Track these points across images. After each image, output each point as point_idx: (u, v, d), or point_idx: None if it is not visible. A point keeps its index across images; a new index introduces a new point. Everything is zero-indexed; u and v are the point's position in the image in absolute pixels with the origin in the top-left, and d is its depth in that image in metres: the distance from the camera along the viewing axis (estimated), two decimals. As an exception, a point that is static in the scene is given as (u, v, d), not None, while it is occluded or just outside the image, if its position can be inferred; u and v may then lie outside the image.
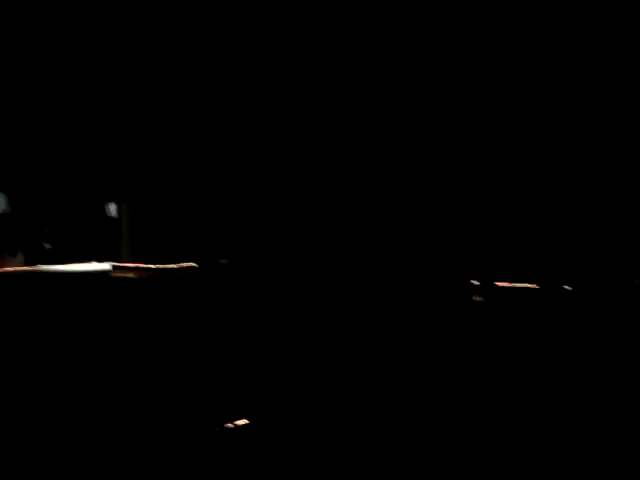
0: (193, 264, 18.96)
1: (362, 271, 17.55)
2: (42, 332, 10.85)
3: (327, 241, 18.17)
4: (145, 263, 18.36)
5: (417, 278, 17.10)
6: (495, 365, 9.68)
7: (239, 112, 18.35)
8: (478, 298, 16.03)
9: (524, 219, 17.41)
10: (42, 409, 7.15)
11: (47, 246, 20.46)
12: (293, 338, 10.76)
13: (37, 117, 18.63)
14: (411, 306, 14.08)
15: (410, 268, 17.32)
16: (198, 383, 7.88)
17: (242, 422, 6.41)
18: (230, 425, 6.26)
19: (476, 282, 17.33)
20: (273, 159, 18.66)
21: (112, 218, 21.43)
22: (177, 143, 18.19)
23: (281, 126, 18.43)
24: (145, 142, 18.22)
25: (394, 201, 18.12)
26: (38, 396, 7.58)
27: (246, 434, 6.51)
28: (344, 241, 18.00)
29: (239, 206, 19.67)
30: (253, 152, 18.70)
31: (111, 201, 21.13)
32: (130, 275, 18.54)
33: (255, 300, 13.73)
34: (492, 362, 9.86)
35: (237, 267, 18.89)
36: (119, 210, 20.47)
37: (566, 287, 16.16)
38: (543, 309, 14.49)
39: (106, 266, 19.77)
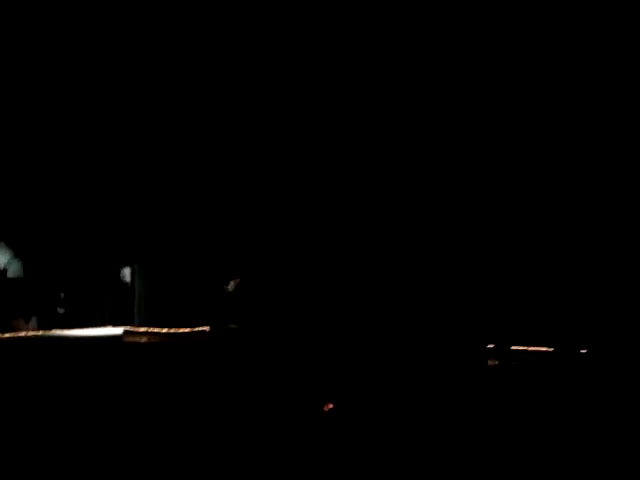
0: (204, 328, 18.93)
1: (376, 334, 17.42)
2: (53, 395, 10.84)
3: (332, 308, 18.13)
4: (158, 326, 18.35)
5: (433, 341, 16.95)
6: (507, 427, 9.53)
7: (246, 178, 18.47)
8: (493, 362, 15.84)
9: (539, 283, 17.28)
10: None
11: (61, 310, 20.52)
12: (303, 401, 10.66)
13: (51, 185, 18.84)
14: (427, 368, 13.95)
15: (426, 331, 17.19)
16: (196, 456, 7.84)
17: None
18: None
19: (491, 345, 17.17)
20: (281, 230, 18.73)
21: (125, 283, 21.51)
22: (188, 210, 18.30)
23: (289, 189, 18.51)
24: (157, 209, 18.34)
25: (410, 265, 18.07)
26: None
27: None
28: (353, 306, 17.93)
29: (248, 272, 19.69)
30: (261, 223, 18.77)
31: (125, 266, 21.23)
32: (143, 340, 18.55)
33: (263, 362, 13.68)
34: (504, 424, 9.71)
35: (247, 332, 18.83)
36: (132, 275, 20.56)
37: (581, 350, 15.96)
38: (558, 372, 14.30)
39: (119, 331, 19.79)
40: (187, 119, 18.21)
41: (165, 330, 18.32)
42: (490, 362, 15.86)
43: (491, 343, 17.12)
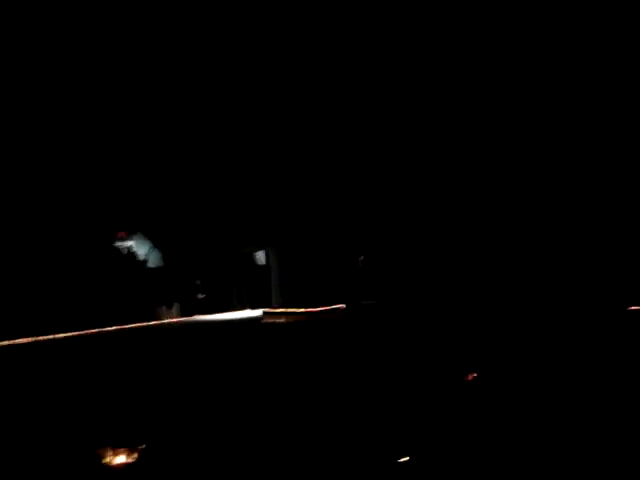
0: (340, 306, 19.15)
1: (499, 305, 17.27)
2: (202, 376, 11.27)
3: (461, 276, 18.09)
4: (294, 307, 18.69)
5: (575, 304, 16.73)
6: None
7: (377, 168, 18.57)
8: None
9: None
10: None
11: (201, 296, 21.17)
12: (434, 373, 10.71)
13: (183, 176, 19.39)
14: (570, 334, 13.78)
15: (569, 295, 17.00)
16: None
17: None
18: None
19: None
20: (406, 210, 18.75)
21: (261, 266, 21.98)
22: (317, 192, 18.51)
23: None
24: (287, 192, 18.63)
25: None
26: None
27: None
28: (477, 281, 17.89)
29: (383, 251, 19.79)
30: (393, 204, 18.83)
31: (259, 249, 21.69)
32: (281, 320, 18.93)
33: (401, 336, 13.75)
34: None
35: (383, 307, 18.94)
36: (267, 258, 20.98)
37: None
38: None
39: (257, 313, 20.26)
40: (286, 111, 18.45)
41: (302, 310, 18.65)
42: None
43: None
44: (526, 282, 17.73)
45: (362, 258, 20.33)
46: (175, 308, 20.75)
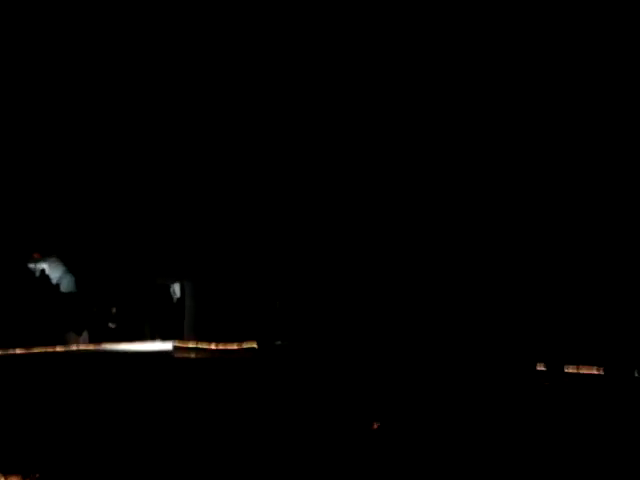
0: (252, 345, 18.98)
1: (422, 353, 17.31)
2: (103, 408, 10.95)
3: (379, 321, 18.06)
4: (206, 341, 18.46)
5: (486, 362, 16.78)
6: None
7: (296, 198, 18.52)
8: (545, 382, 15.62)
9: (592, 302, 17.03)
10: None
11: (112, 325, 20.76)
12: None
13: (102, 203, 19.09)
14: (479, 390, 13.81)
15: (479, 351, 17.02)
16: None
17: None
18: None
19: (543, 367, 16.93)
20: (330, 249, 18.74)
21: (175, 298, 21.69)
22: (237, 229, 18.38)
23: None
24: (206, 227, 18.46)
25: (457, 286, 17.95)
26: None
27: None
28: (397, 326, 17.86)
29: (297, 290, 19.71)
30: (310, 243, 18.80)
31: (175, 282, 21.41)
32: (192, 355, 18.67)
33: (310, 380, 13.65)
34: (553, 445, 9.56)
35: (294, 349, 18.83)
36: (182, 290, 20.72)
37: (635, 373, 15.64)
38: (610, 395, 14.03)
39: (168, 346, 19.94)
40: (237, 144, 18.36)
41: (214, 346, 18.43)
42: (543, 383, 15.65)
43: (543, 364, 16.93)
44: (441, 330, 17.82)
45: (278, 303, 20.30)
46: (84, 335, 20.30)
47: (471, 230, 17.83)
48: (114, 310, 20.84)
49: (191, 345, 18.55)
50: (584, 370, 16.35)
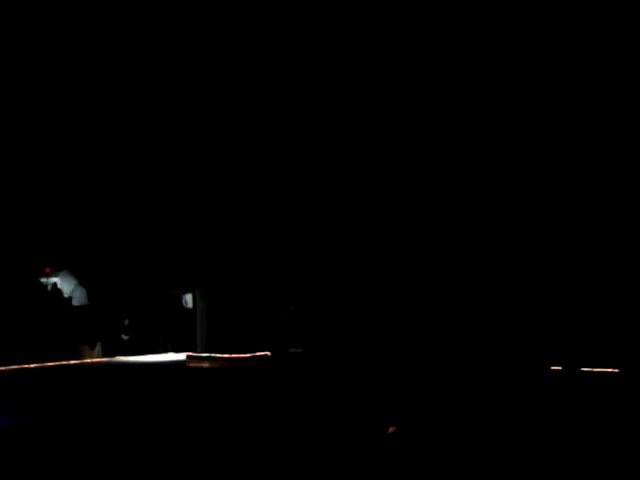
0: (265, 353, 18.95)
1: (437, 356, 17.26)
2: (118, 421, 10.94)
3: (396, 330, 18.02)
4: (219, 352, 18.43)
5: (499, 364, 16.72)
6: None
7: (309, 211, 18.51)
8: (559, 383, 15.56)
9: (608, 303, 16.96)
10: None
11: (125, 337, 20.77)
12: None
13: (113, 215, 19.12)
14: (493, 393, 13.75)
15: (492, 355, 16.97)
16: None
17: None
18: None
19: (557, 367, 16.87)
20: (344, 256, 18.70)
21: (187, 309, 21.69)
22: (248, 237, 18.37)
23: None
24: (217, 236, 18.45)
25: (471, 289, 17.91)
26: None
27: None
28: (415, 333, 17.82)
29: (312, 300, 19.69)
30: (322, 254, 18.77)
31: (187, 292, 21.43)
32: (205, 365, 18.65)
33: (325, 386, 13.60)
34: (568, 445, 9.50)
35: (309, 355, 18.81)
36: (194, 301, 20.70)
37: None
38: (626, 393, 13.95)
39: (181, 356, 19.93)
40: (251, 153, 18.38)
41: (227, 355, 18.40)
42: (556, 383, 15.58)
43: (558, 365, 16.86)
44: (454, 335, 17.78)
45: (291, 308, 20.25)
46: (98, 348, 20.32)
47: (483, 236, 17.81)
48: (126, 322, 20.86)
49: (204, 355, 18.53)
50: (599, 370, 16.31)
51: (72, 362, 19.16)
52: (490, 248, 17.84)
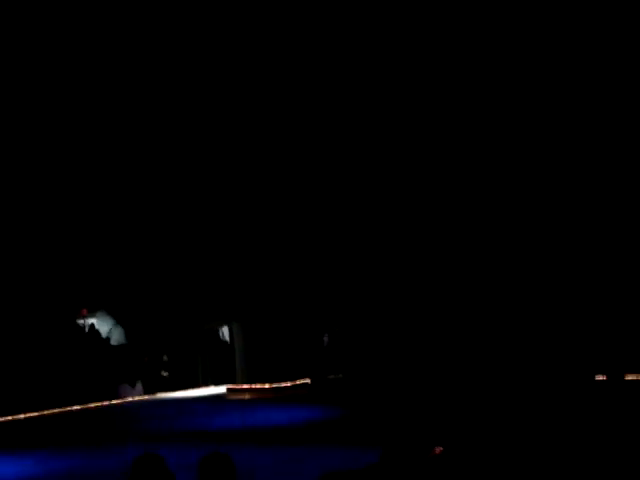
0: (305, 381, 18.84)
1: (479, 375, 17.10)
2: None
3: (435, 353, 17.87)
4: (259, 382, 18.37)
5: (543, 375, 16.52)
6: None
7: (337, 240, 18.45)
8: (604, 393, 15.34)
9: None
10: None
11: (164, 374, 20.78)
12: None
13: (146, 253, 19.20)
14: (539, 410, 13.59)
15: (537, 372, 16.77)
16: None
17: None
18: None
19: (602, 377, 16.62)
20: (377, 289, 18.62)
21: (225, 341, 21.67)
22: (282, 268, 18.32)
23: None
24: (251, 269, 18.41)
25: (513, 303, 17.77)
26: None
27: None
28: (454, 350, 17.68)
29: (349, 326, 19.62)
30: (355, 283, 18.69)
31: (223, 325, 21.42)
32: (246, 397, 18.59)
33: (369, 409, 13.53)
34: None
35: (349, 381, 18.67)
36: (231, 333, 20.70)
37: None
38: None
39: (222, 389, 19.90)
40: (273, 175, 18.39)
41: (267, 385, 18.33)
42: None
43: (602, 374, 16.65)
44: (497, 353, 17.59)
45: (327, 335, 20.22)
46: (138, 386, 20.34)
47: (527, 245, 17.68)
48: (165, 358, 20.88)
49: (244, 387, 18.51)
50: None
51: (114, 402, 19.18)
52: (531, 259, 17.70)
